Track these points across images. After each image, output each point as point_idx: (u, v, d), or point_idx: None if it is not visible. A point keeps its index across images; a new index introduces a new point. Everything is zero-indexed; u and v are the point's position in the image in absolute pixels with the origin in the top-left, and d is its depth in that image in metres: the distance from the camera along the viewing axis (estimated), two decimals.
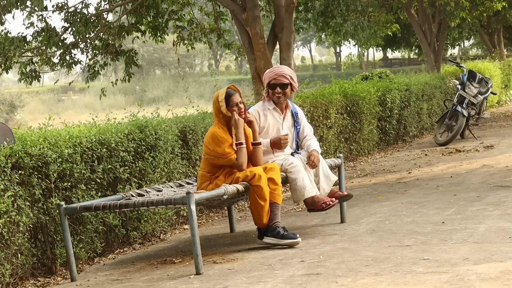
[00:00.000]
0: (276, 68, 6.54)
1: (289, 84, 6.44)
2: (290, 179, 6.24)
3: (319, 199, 6.24)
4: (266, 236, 5.93)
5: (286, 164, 6.26)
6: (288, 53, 12.21)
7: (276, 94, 6.43)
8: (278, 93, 6.42)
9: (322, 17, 18.49)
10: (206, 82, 54.16)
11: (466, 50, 57.47)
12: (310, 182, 6.32)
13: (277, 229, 5.89)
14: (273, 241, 5.90)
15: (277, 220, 5.92)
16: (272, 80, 6.44)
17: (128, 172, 6.64)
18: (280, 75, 6.44)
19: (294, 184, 6.22)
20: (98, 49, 13.02)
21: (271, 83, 6.45)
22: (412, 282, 4.44)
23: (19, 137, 5.79)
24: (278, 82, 6.42)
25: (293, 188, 6.24)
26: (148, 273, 5.53)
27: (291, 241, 5.86)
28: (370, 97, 12.14)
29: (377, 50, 37.38)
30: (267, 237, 5.92)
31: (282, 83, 6.42)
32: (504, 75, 22.39)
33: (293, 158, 6.32)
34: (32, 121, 31.94)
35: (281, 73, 6.45)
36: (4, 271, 5.28)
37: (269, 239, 5.91)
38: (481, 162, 9.94)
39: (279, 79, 6.42)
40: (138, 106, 7.72)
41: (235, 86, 6.26)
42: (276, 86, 6.42)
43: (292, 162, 6.26)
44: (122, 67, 14.34)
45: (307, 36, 73.89)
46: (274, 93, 6.44)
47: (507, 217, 6.20)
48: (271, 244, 5.91)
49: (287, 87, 6.44)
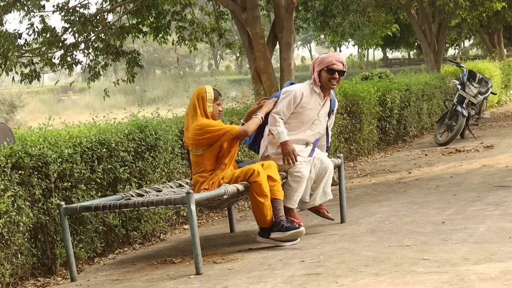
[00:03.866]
0: (334, 54, 6.40)
1: (344, 72, 6.36)
2: (287, 182, 6.21)
3: (292, 213, 6.17)
4: (272, 232, 5.92)
5: (294, 170, 6.17)
6: (288, 53, 12.20)
7: (331, 80, 6.29)
8: (334, 79, 6.29)
9: (321, 17, 18.50)
10: (206, 82, 54.06)
11: (466, 50, 57.49)
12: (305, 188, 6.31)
13: (281, 222, 5.87)
14: (279, 235, 5.88)
15: (280, 214, 5.91)
16: (330, 65, 6.28)
17: (128, 172, 6.64)
18: (339, 61, 6.32)
19: (288, 189, 6.16)
20: (99, 50, 13.02)
21: (329, 68, 6.28)
22: (412, 282, 4.44)
23: (19, 137, 5.79)
24: (337, 67, 6.30)
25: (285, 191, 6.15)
26: (148, 273, 5.53)
27: (295, 231, 5.85)
28: (370, 97, 12.14)
29: (376, 49, 37.37)
30: (273, 232, 5.91)
31: (340, 70, 6.32)
32: (504, 75, 22.38)
33: (303, 168, 6.20)
34: (32, 121, 31.91)
35: (340, 59, 6.33)
36: (4, 271, 5.28)
37: (275, 234, 5.90)
38: (481, 162, 9.94)
39: (338, 65, 6.30)
40: (138, 106, 7.72)
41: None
42: (335, 72, 6.29)
43: (301, 172, 6.17)
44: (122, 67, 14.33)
45: (307, 36, 73.87)
46: (330, 78, 6.29)
47: (507, 217, 6.20)
48: (277, 238, 5.88)
49: (343, 74, 6.36)
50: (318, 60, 6.40)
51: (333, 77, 6.29)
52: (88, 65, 13.31)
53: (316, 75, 6.35)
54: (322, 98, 6.38)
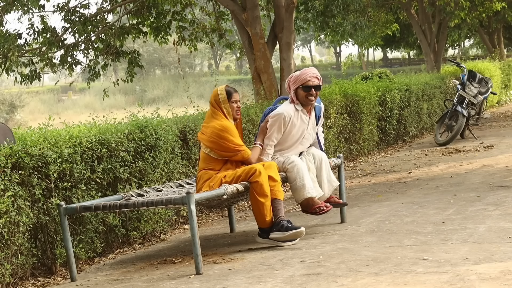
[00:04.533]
0: (307, 70, 6.41)
1: (320, 86, 6.39)
2: (290, 178, 6.23)
3: (314, 203, 6.21)
4: (272, 232, 5.92)
5: (287, 163, 6.26)
6: (288, 53, 12.21)
7: (309, 96, 6.34)
8: (311, 95, 6.33)
9: (321, 17, 18.51)
10: (206, 82, 54.17)
11: (466, 50, 57.48)
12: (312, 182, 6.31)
13: (281, 222, 5.87)
14: (278, 235, 5.88)
15: (280, 214, 5.91)
16: (305, 82, 6.32)
17: (128, 172, 6.64)
18: (313, 76, 6.34)
19: (294, 184, 6.22)
20: (99, 50, 13.02)
21: (305, 85, 6.32)
22: (412, 282, 4.44)
23: (19, 137, 5.79)
24: (312, 84, 6.33)
25: (293, 188, 6.24)
26: (148, 273, 5.53)
27: (295, 231, 5.85)
28: (370, 97, 12.14)
29: (376, 49, 37.37)
30: (273, 232, 5.91)
31: (316, 85, 6.35)
32: (504, 75, 22.38)
33: (294, 157, 6.31)
34: (32, 121, 31.94)
35: (314, 74, 6.35)
36: (4, 271, 5.28)
37: (275, 234, 5.90)
38: (481, 162, 9.94)
39: (313, 80, 6.33)
40: (138, 106, 7.72)
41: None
42: (311, 88, 6.33)
43: (293, 161, 6.25)
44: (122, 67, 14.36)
45: (307, 36, 73.87)
46: (307, 95, 6.34)
47: (507, 217, 6.20)
48: (277, 238, 5.89)
49: (320, 88, 6.39)
50: (292, 79, 6.44)
51: (310, 94, 6.35)
52: (88, 65, 13.32)
53: (292, 93, 6.42)
54: (305, 113, 6.45)
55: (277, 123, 6.35)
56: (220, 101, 6.20)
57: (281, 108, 6.44)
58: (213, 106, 6.23)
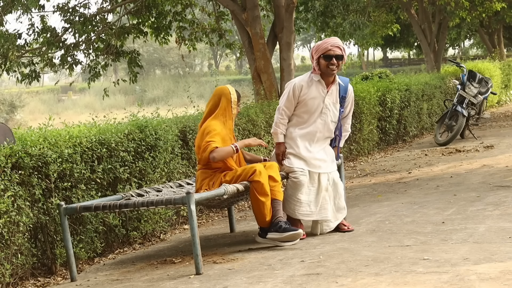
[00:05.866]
0: (330, 39, 6.32)
1: (342, 56, 6.29)
2: (287, 187, 6.22)
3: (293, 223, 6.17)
4: (269, 232, 5.92)
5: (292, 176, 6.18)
6: (288, 53, 12.21)
7: (330, 66, 6.22)
8: (332, 64, 6.22)
9: (321, 17, 18.51)
10: (206, 82, 54.18)
11: (466, 50, 57.49)
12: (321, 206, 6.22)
13: (279, 223, 5.87)
14: (276, 236, 5.88)
15: (279, 215, 5.91)
16: (327, 51, 6.22)
17: (128, 172, 6.64)
18: (335, 45, 6.24)
19: (290, 197, 6.18)
20: (99, 50, 13.03)
21: (326, 54, 6.21)
22: (412, 282, 4.44)
23: (19, 137, 5.79)
24: (333, 53, 6.22)
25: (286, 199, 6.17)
26: (148, 273, 5.53)
27: (293, 233, 5.84)
28: (370, 97, 12.14)
29: (376, 49, 37.39)
30: (271, 232, 5.91)
31: (337, 54, 6.24)
32: (504, 75, 22.38)
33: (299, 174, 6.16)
34: (32, 121, 31.94)
35: (336, 44, 6.25)
36: (4, 271, 5.28)
37: (272, 234, 5.90)
38: (481, 162, 9.94)
39: (335, 50, 6.23)
40: (138, 106, 7.72)
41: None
42: (332, 57, 6.21)
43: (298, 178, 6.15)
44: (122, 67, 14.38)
45: (307, 36, 73.90)
46: (328, 65, 6.22)
47: (507, 217, 6.20)
48: (274, 239, 5.88)
49: (342, 58, 6.27)
50: (315, 48, 6.35)
51: (331, 63, 6.23)
52: (88, 65, 13.32)
53: (315, 63, 6.32)
54: (324, 86, 6.32)
55: (286, 92, 6.32)
56: (231, 101, 6.19)
57: (296, 78, 6.41)
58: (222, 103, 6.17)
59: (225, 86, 6.32)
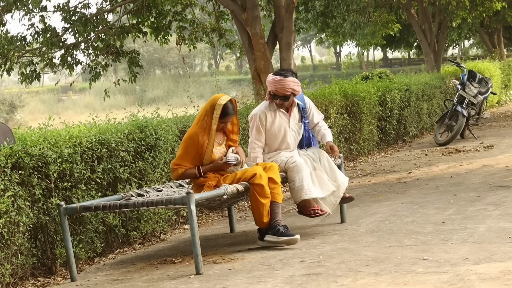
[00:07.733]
0: (279, 81, 6.33)
1: (291, 94, 6.38)
2: (289, 178, 6.24)
3: (310, 204, 6.21)
4: (267, 234, 5.93)
5: (289, 163, 6.25)
6: (288, 53, 12.21)
7: (278, 104, 6.40)
8: (280, 104, 6.39)
9: (322, 17, 18.51)
10: (206, 82, 54.18)
11: (466, 50, 57.48)
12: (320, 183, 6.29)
13: (278, 227, 5.89)
14: (273, 239, 5.90)
15: (278, 218, 5.92)
16: (273, 91, 6.36)
17: (128, 172, 6.64)
18: (282, 88, 6.31)
19: (292, 184, 6.22)
20: (99, 49, 13.03)
21: (273, 93, 6.37)
22: (412, 282, 4.44)
23: (19, 137, 5.79)
24: (279, 94, 6.35)
25: (292, 188, 6.24)
26: (148, 273, 5.53)
27: (289, 238, 5.86)
28: (370, 97, 12.14)
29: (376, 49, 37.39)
30: (268, 235, 5.92)
31: (284, 95, 6.35)
32: (504, 75, 22.38)
33: (297, 157, 6.31)
34: (32, 121, 31.92)
35: (283, 87, 6.31)
36: (4, 271, 5.28)
37: (270, 237, 5.92)
38: (481, 162, 9.94)
39: (281, 91, 6.33)
40: (138, 106, 7.72)
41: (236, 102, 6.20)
42: (278, 97, 6.37)
43: (295, 161, 6.25)
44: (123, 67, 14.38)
45: (307, 36, 73.88)
46: (275, 102, 6.40)
47: (507, 217, 6.20)
48: (271, 242, 5.90)
49: (288, 98, 6.39)
50: (268, 80, 6.47)
51: (278, 102, 6.38)
52: (88, 65, 13.33)
53: (267, 95, 6.47)
54: (284, 111, 6.46)
55: (254, 124, 6.41)
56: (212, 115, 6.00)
57: (256, 108, 6.52)
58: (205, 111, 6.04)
59: (221, 97, 6.06)
